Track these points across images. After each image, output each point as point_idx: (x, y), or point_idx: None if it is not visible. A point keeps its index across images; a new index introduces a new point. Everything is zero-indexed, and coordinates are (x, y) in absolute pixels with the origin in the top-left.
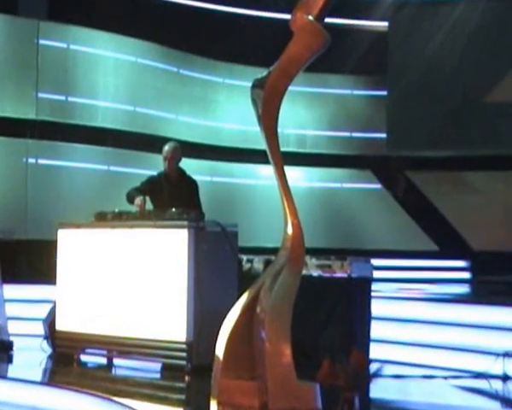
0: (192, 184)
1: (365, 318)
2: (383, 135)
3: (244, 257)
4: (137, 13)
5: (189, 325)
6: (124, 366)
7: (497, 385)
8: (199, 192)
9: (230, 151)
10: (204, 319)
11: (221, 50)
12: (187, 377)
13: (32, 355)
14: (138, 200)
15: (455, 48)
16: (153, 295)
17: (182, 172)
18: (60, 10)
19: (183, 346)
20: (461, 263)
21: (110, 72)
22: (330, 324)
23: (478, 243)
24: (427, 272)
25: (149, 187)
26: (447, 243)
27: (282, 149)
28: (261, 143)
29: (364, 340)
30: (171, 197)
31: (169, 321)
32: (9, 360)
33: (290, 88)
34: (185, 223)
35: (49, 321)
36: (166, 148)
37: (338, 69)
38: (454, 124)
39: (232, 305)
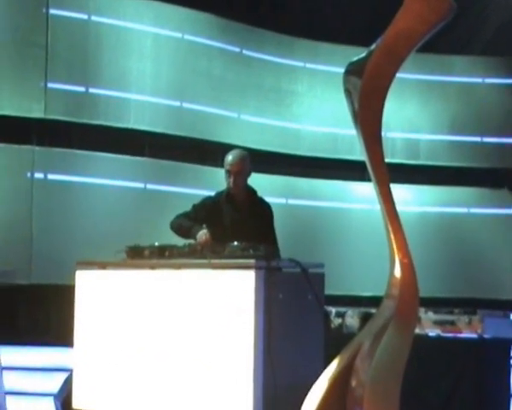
0: (265, 210)
1: (503, 393)
2: None
3: (333, 309)
4: None
5: (256, 403)
6: None
7: None
8: (273, 221)
9: (313, 163)
10: (278, 395)
11: (300, 23)
12: None
13: None
14: (203, 235)
15: None
16: (206, 361)
17: (252, 193)
18: None
19: None
20: None
21: (147, 53)
22: (454, 401)
23: None
24: None
25: (205, 213)
26: None
27: (387, 159)
28: (357, 152)
29: None
30: (234, 227)
31: (229, 398)
32: None
33: (398, 75)
34: (252, 262)
35: (63, 397)
36: (230, 158)
37: (464, 49)
38: None
39: (316, 376)
